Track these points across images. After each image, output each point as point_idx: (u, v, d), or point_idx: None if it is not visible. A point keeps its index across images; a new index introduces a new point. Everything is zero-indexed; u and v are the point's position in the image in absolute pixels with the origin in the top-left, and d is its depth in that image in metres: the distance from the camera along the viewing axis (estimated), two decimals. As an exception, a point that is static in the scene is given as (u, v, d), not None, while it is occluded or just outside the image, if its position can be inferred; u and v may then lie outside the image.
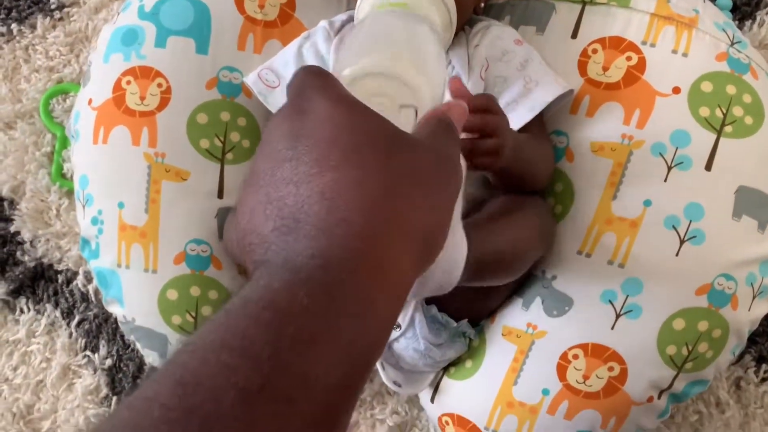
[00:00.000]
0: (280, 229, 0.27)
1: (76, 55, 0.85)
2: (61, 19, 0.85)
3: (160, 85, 0.70)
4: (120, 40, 0.72)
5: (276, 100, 0.68)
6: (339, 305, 0.25)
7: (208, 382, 0.22)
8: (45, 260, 0.81)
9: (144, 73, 0.71)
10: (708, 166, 0.63)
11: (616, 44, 0.67)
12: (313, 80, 0.31)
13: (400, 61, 0.37)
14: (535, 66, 0.64)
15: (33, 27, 0.85)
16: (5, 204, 0.82)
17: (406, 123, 0.34)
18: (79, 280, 0.80)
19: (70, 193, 0.81)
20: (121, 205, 0.70)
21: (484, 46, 0.65)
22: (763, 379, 0.73)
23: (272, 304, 0.24)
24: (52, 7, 0.85)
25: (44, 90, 0.84)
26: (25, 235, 0.81)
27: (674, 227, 0.63)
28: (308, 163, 0.27)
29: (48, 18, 0.85)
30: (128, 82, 0.71)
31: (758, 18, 0.76)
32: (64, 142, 0.81)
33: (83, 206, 0.73)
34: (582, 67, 0.67)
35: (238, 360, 0.23)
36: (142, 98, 0.70)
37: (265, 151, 0.30)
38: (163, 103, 0.70)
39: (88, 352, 0.79)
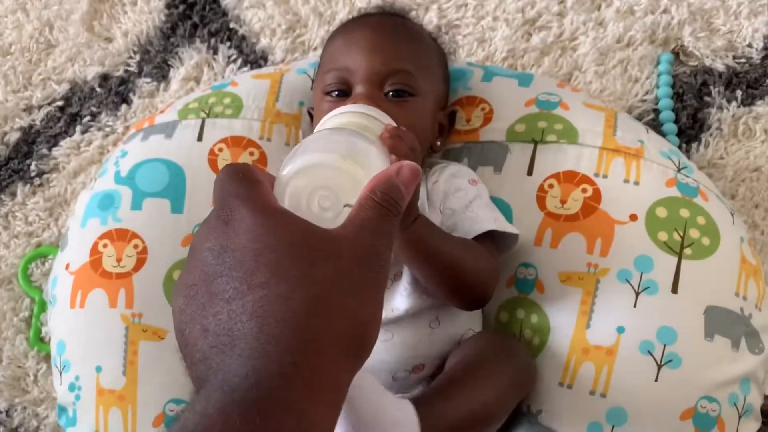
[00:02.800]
0: (218, 347, 0.28)
1: (55, 219, 0.87)
2: (40, 185, 0.88)
3: (136, 246, 0.72)
4: (97, 205, 0.75)
5: None
6: (273, 422, 0.26)
7: None
8: (21, 430, 0.79)
9: (120, 236, 0.72)
10: (674, 289, 0.65)
11: (571, 178, 0.70)
12: (236, 188, 0.32)
13: (342, 156, 0.37)
14: (479, 203, 0.67)
15: (13, 195, 0.88)
16: (-19, 374, 0.81)
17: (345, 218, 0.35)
18: (57, 449, 0.78)
19: (48, 357, 0.80)
20: (98, 369, 0.70)
21: (442, 182, 0.68)
22: (766, 499, 0.71)
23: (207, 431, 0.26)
24: (32, 174, 0.88)
25: (23, 255, 0.85)
26: (1, 405, 0.79)
27: (650, 352, 0.63)
28: (237, 278, 0.29)
29: (28, 185, 0.88)
30: (105, 245, 0.72)
31: (703, 140, 0.81)
32: (42, 306, 0.82)
33: (60, 373, 0.72)
34: (541, 201, 0.70)
35: None
36: (119, 260, 0.72)
37: (196, 263, 0.31)
38: (140, 263, 0.71)
39: None
